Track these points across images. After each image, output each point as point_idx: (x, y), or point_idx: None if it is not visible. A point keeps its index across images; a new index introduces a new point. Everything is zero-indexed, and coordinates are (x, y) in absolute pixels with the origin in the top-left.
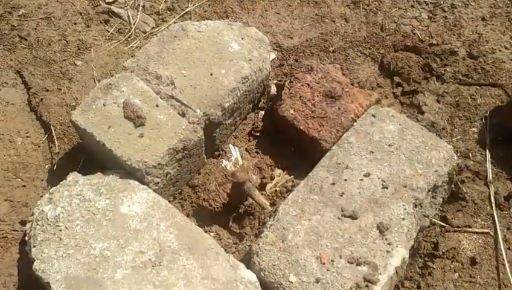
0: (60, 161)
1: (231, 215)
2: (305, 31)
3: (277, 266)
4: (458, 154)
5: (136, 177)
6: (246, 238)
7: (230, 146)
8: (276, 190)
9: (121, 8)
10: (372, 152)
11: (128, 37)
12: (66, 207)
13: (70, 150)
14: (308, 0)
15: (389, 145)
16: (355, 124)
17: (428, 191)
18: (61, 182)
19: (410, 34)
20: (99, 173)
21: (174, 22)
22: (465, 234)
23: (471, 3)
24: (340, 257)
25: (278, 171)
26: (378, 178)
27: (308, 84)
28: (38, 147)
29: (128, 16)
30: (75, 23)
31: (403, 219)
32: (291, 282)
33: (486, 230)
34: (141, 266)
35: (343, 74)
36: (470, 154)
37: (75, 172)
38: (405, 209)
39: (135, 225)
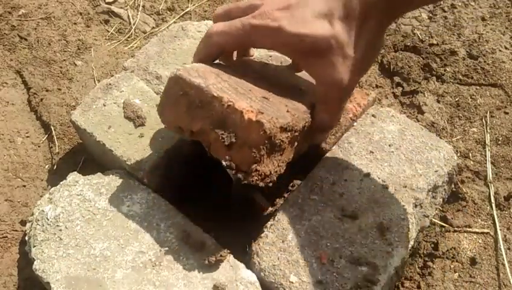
0: (60, 161)
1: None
2: None
3: (277, 266)
4: (458, 154)
5: (136, 177)
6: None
7: None
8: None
9: (121, 8)
10: (372, 152)
11: (128, 37)
12: (66, 207)
13: (70, 150)
14: None
15: (389, 145)
16: (355, 124)
17: (429, 191)
18: (61, 182)
19: (410, 34)
20: (99, 173)
21: (174, 22)
22: (465, 234)
23: (471, 3)
24: (340, 257)
25: None
26: (379, 178)
27: None
28: (38, 147)
29: (128, 16)
30: (75, 23)
31: (403, 219)
32: (292, 282)
33: (486, 230)
34: (141, 266)
35: None
36: (470, 154)
37: (75, 172)
38: (405, 209)
39: (135, 225)
